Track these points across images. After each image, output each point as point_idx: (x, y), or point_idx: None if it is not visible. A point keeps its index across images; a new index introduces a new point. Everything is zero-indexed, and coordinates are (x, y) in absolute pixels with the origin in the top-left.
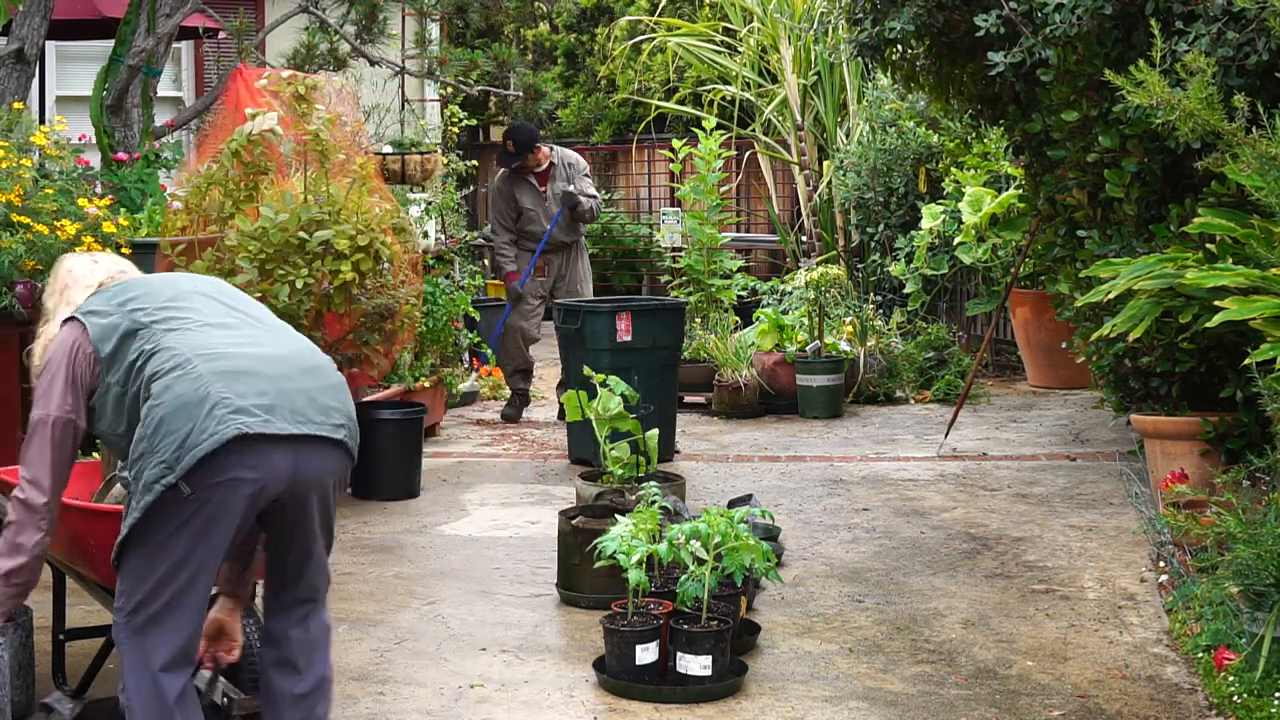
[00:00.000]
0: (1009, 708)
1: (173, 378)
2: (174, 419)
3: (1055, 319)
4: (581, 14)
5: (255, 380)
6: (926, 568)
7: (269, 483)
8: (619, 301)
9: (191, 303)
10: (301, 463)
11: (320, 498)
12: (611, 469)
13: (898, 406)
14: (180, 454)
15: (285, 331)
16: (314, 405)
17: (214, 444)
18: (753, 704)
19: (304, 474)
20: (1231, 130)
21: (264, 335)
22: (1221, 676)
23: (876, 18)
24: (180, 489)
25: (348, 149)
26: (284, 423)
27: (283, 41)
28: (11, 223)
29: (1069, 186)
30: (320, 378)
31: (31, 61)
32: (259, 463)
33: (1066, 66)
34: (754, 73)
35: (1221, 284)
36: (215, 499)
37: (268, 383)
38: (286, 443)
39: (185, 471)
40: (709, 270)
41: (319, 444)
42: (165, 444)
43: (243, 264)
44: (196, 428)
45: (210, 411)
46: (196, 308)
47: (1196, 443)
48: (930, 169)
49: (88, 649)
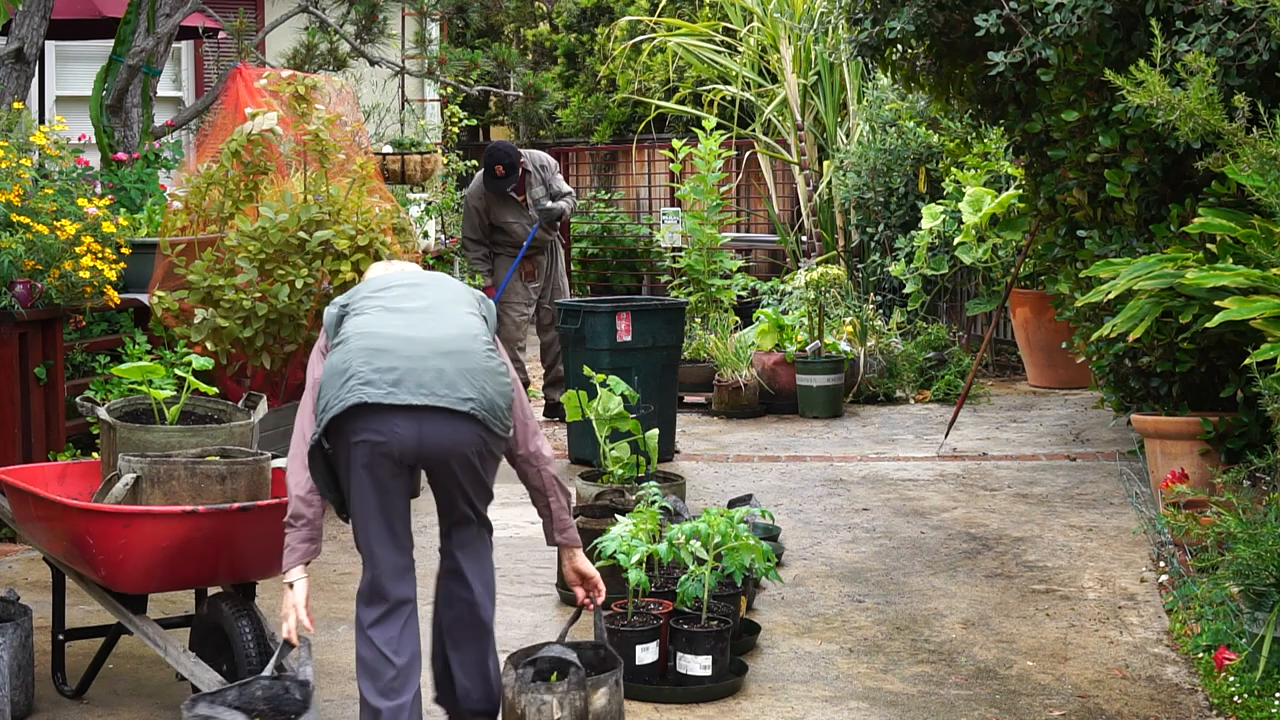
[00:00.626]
0: (1009, 708)
1: (337, 351)
2: (327, 385)
3: (1055, 319)
4: (581, 14)
5: (390, 357)
6: (926, 568)
7: (394, 445)
8: (619, 301)
9: (389, 292)
10: (426, 430)
11: (460, 463)
12: (611, 469)
13: (898, 406)
14: (322, 416)
15: (449, 320)
16: (442, 381)
17: (340, 409)
18: (753, 704)
19: (430, 440)
20: (1231, 130)
21: (426, 320)
22: (1222, 676)
23: (876, 18)
24: (322, 444)
25: (348, 149)
26: (407, 395)
27: (283, 41)
28: (11, 223)
29: (1069, 186)
30: (459, 361)
31: (31, 61)
32: (383, 428)
33: (1067, 66)
34: (754, 73)
35: (1221, 284)
36: (351, 456)
37: (401, 360)
38: (409, 412)
39: (323, 430)
40: (709, 270)
41: (444, 414)
42: (320, 405)
43: (243, 264)
44: (334, 395)
45: (345, 382)
46: (389, 296)
47: (1196, 443)
48: (930, 169)
49: (88, 649)
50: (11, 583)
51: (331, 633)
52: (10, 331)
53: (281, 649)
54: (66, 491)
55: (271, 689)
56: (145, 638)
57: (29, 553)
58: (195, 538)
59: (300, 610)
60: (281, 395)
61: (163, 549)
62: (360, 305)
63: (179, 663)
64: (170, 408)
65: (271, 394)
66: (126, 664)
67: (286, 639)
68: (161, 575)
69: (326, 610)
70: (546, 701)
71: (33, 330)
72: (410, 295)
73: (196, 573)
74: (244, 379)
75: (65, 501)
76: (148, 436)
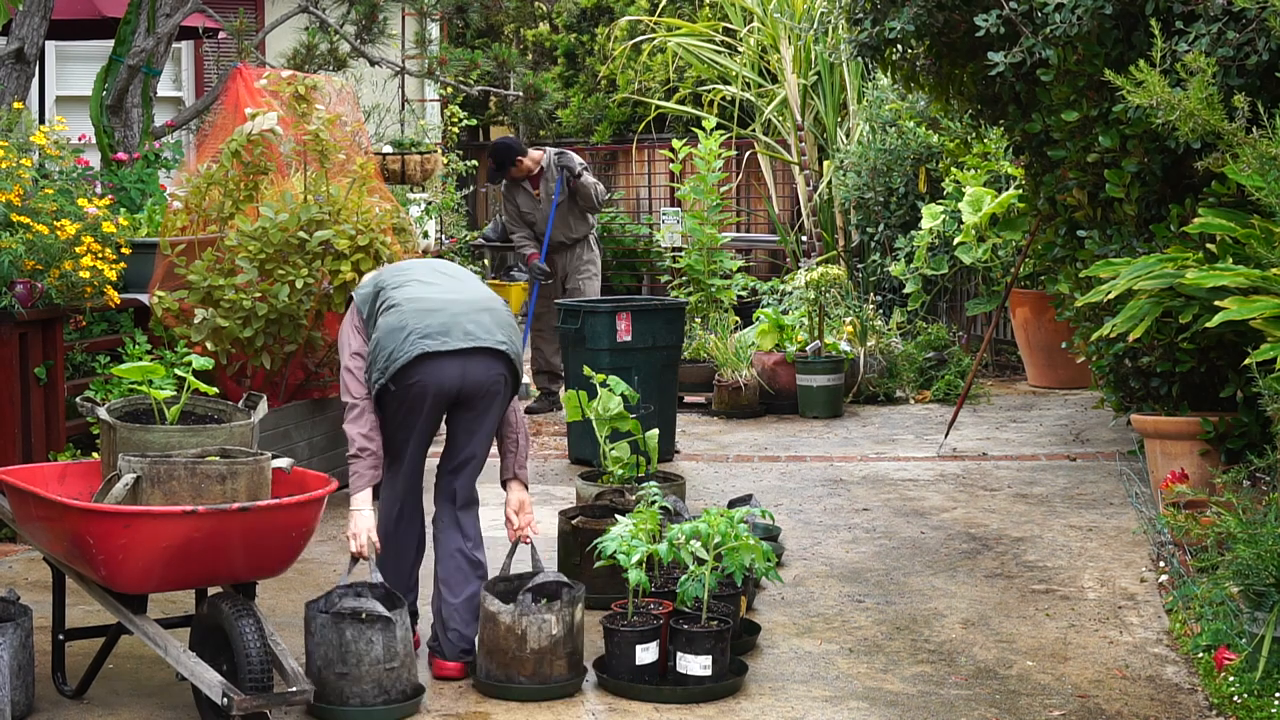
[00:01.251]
0: (1009, 708)
1: (392, 314)
2: (387, 341)
3: (1055, 319)
4: (581, 14)
5: (439, 315)
6: (926, 568)
7: (444, 385)
8: (619, 301)
9: (416, 272)
10: (469, 369)
11: (489, 397)
12: (611, 469)
13: (898, 406)
14: (388, 365)
15: (476, 288)
16: (481, 328)
17: (407, 359)
18: (753, 704)
19: (471, 377)
20: (1231, 130)
21: (458, 287)
22: (1221, 676)
23: (876, 18)
24: (389, 388)
25: (348, 149)
26: (456, 341)
27: (283, 41)
28: (11, 223)
29: (1069, 186)
30: (492, 315)
31: (31, 61)
32: (436, 371)
33: (1066, 66)
34: (754, 73)
35: (1221, 284)
36: (409, 395)
37: (448, 316)
38: (457, 355)
39: (391, 376)
40: (709, 270)
41: (484, 354)
42: (379, 357)
43: (243, 264)
44: (398, 348)
45: (406, 337)
46: (419, 275)
47: (1196, 443)
48: (930, 169)
49: (88, 649)
50: (11, 583)
51: None
52: (10, 331)
53: (351, 563)
54: (66, 491)
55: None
56: (145, 638)
57: (29, 553)
58: (195, 538)
59: (372, 532)
60: (281, 395)
61: (163, 549)
62: (395, 281)
63: (179, 663)
64: (170, 408)
65: (271, 394)
66: (126, 664)
67: (357, 553)
68: (161, 575)
69: None
70: (547, 620)
71: (33, 330)
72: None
73: (196, 573)
74: (244, 379)
75: (65, 501)
76: (148, 436)
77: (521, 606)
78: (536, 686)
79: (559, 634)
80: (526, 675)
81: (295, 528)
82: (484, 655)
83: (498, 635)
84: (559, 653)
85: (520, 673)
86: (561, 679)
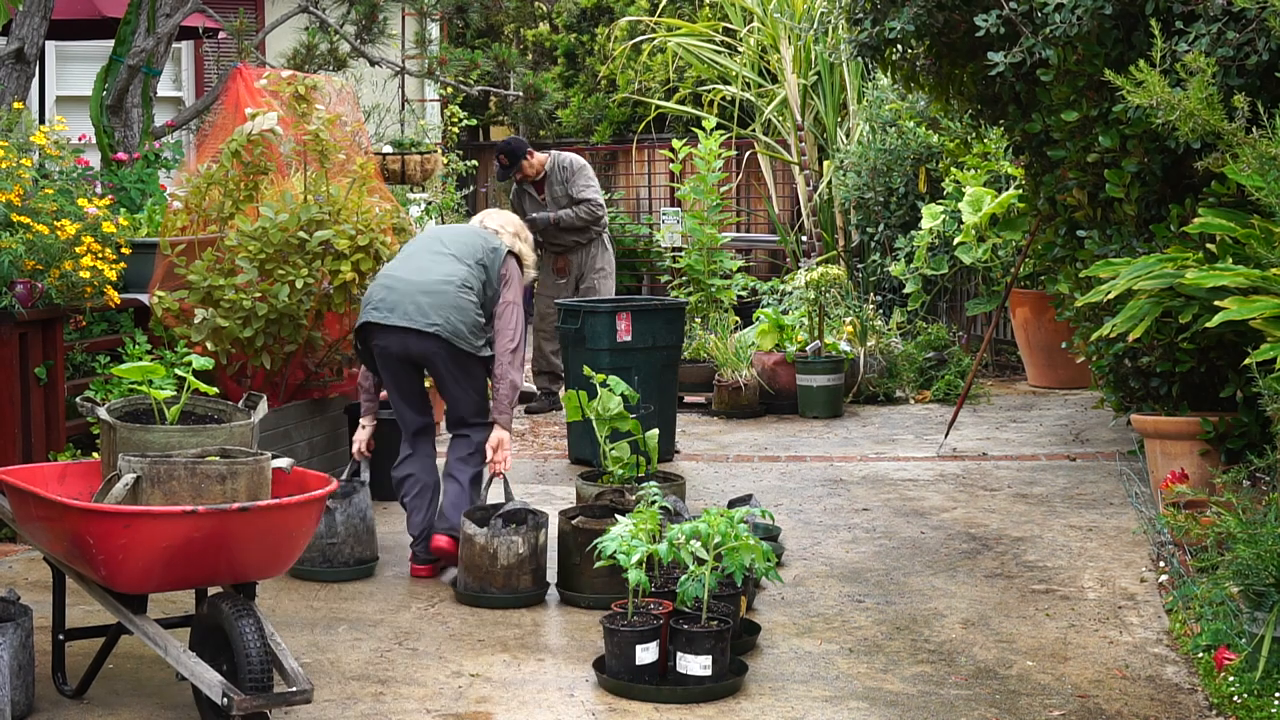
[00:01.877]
0: (1009, 708)
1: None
2: (362, 306)
3: (1055, 319)
4: (581, 14)
5: (393, 293)
6: (926, 568)
7: (391, 351)
8: (619, 301)
9: (413, 245)
10: (409, 344)
11: (438, 363)
12: (611, 469)
13: (898, 406)
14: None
15: (437, 269)
16: (420, 311)
17: (359, 324)
18: (753, 704)
19: (412, 349)
20: (1231, 130)
21: (426, 264)
22: (1221, 676)
23: (876, 18)
24: (357, 346)
25: (348, 149)
26: (397, 319)
27: (283, 41)
28: (11, 223)
29: (1069, 186)
30: (436, 298)
31: (31, 61)
32: (384, 340)
33: (1066, 66)
34: (754, 73)
35: (1221, 284)
36: (373, 356)
37: (398, 295)
38: (397, 331)
39: (356, 336)
40: (709, 270)
41: (418, 334)
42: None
43: (243, 264)
44: (361, 314)
45: (365, 307)
46: (413, 244)
47: (1196, 443)
48: (930, 169)
49: (88, 649)
50: (11, 583)
51: (331, 633)
52: (10, 331)
53: (351, 465)
54: (66, 491)
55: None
56: (145, 638)
57: (29, 553)
58: (195, 538)
59: (361, 443)
60: (281, 395)
61: (163, 549)
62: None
63: (179, 663)
64: (170, 408)
65: (271, 394)
66: (126, 664)
67: (358, 453)
68: (161, 575)
69: (327, 610)
70: (514, 541)
71: (33, 330)
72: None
73: (196, 573)
74: (244, 379)
75: (65, 501)
76: (148, 436)
77: (493, 529)
78: (507, 595)
79: (524, 553)
80: (498, 587)
81: (295, 528)
82: (463, 570)
83: (474, 553)
84: (525, 569)
85: (492, 585)
86: (528, 590)
